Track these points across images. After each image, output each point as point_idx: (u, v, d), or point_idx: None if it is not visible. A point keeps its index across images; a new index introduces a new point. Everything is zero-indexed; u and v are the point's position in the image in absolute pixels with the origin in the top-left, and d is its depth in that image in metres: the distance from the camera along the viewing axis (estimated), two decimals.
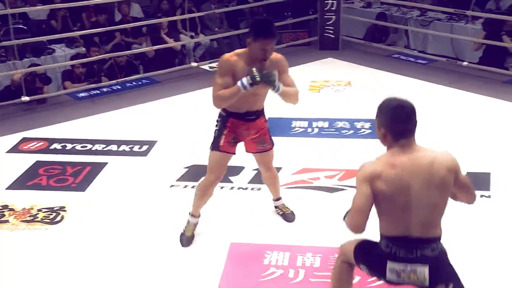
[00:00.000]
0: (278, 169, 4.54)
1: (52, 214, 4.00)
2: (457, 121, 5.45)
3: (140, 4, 8.88)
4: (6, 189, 4.34)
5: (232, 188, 4.31)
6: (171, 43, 7.29)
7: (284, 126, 5.30)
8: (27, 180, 4.47)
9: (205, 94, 6.32)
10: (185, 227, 3.63)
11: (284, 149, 4.85)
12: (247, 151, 3.59)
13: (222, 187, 4.27)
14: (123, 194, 4.23)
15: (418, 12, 8.41)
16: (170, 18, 7.67)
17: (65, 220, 3.94)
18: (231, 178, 4.39)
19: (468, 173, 4.46)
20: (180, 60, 7.70)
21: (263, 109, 3.52)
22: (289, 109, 5.64)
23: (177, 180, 4.42)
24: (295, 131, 5.29)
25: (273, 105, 5.73)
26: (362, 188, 2.21)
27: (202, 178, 3.56)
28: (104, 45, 7.25)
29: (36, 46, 7.14)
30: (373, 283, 3.09)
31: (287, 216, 3.86)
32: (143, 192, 4.27)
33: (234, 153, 3.48)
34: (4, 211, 4.00)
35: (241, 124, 3.40)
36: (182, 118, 5.64)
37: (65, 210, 4.02)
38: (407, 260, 2.18)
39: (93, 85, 6.53)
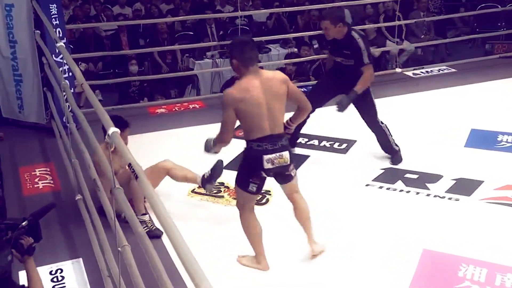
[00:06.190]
0: (480, 182, 4.28)
1: (259, 196, 4.11)
2: None
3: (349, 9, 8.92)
4: (223, 168, 4.29)
5: (428, 195, 4.12)
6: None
7: (489, 139, 4.91)
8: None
9: (409, 99, 6.14)
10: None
11: (487, 162, 4.57)
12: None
13: (418, 193, 4.13)
14: (321, 188, 4.22)
15: None
16: (377, 24, 7.59)
17: (270, 202, 4.09)
18: (428, 185, 4.22)
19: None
20: (383, 65, 7.57)
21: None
22: (495, 122, 5.24)
23: (373, 180, 4.35)
24: (501, 145, 4.86)
25: (477, 117, 5.34)
26: (228, 112, 2.96)
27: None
28: (313, 45, 7.43)
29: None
30: None
31: None
32: (339, 188, 4.25)
33: None
34: (221, 188, 4.28)
35: None
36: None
37: (270, 194, 4.15)
38: (275, 150, 3.00)
39: (301, 83, 6.72)
